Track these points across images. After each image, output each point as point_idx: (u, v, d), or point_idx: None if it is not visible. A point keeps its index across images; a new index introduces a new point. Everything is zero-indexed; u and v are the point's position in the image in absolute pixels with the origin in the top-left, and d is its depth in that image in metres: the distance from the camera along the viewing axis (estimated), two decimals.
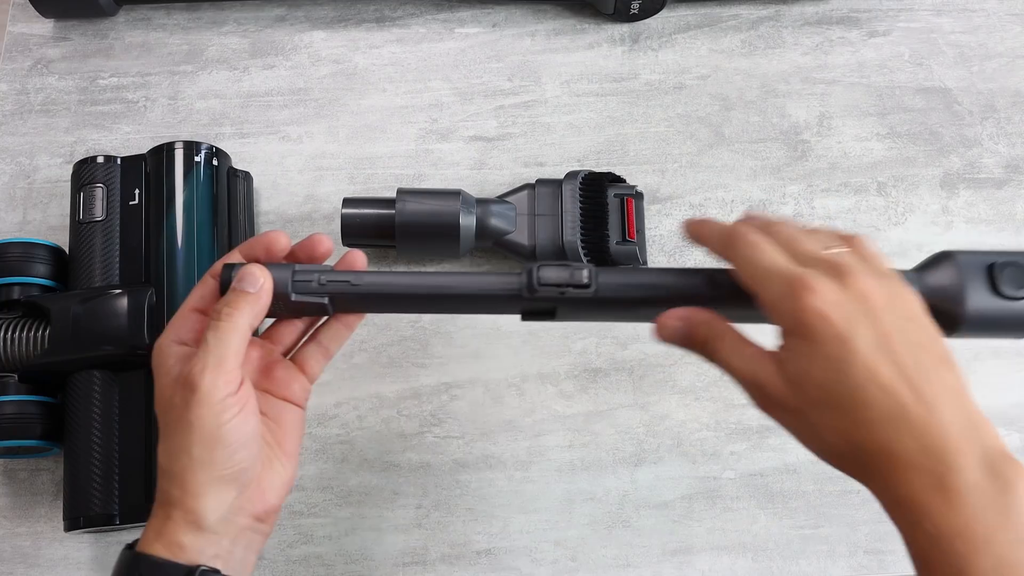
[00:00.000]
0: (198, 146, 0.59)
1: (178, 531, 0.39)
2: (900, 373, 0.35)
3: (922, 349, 0.36)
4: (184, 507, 0.39)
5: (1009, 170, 0.66)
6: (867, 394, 0.35)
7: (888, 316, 0.36)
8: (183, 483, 0.39)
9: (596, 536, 0.57)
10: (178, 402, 0.39)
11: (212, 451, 0.39)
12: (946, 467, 0.33)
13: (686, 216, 0.64)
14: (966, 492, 0.33)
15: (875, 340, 0.35)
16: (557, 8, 0.70)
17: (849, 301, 0.36)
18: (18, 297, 0.55)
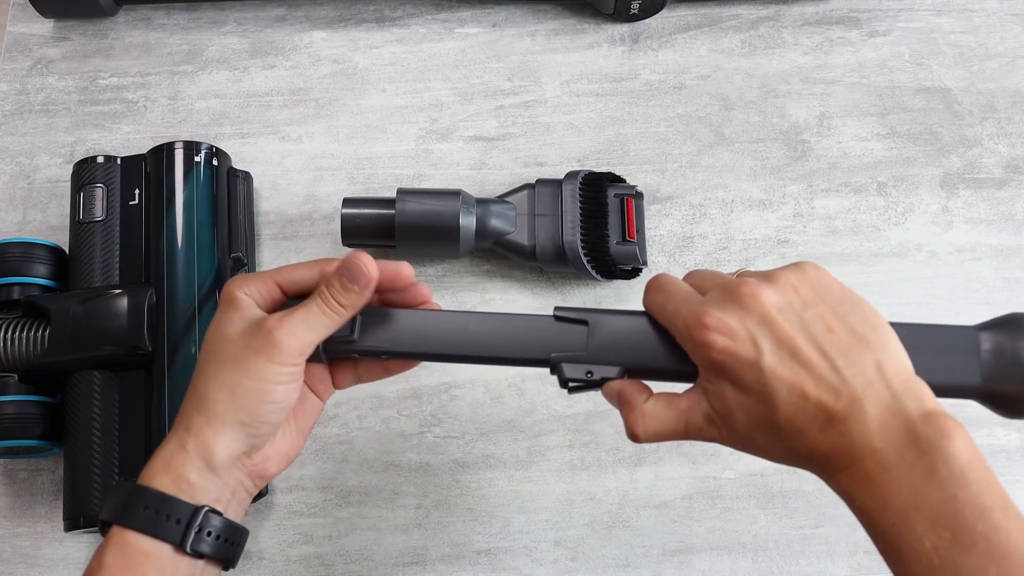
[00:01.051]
0: (198, 146, 0.59)
1: (188, 465, 0.39)
2: (814, 376, 0.35)
3: (832, 336, 0.36)
4: (202, 437, 0.39)
5: (1009, 170, 0.66)
6: (791, 407, 0.36)
7: (786, 317, 0.36)
8: (212, 414, 0.39)
9: (596, 536, 0.57)
10: (250, 344, 0.39)
11: (256, 401, 0.39)
12: (871, 452, 0.35)
13: (686, 216, 0.64)
14: (889, 470, 0.34)
15: (782, 351, 0.36)
16: (557, 8, 0.70)
17: (746, 321, 0.36)
18: (18, 297, 0.55)
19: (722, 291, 0.38)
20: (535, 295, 0.62)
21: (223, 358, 0.40)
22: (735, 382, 0.37)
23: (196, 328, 0.54)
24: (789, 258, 0.63)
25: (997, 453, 0.58)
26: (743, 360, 0.36)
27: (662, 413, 0.39)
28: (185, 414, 0.40)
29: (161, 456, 0.39)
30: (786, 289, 0.37)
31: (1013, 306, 0.62)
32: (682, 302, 0.39)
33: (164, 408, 0.53)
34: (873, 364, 0.36)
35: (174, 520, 0.38)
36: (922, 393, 0.36)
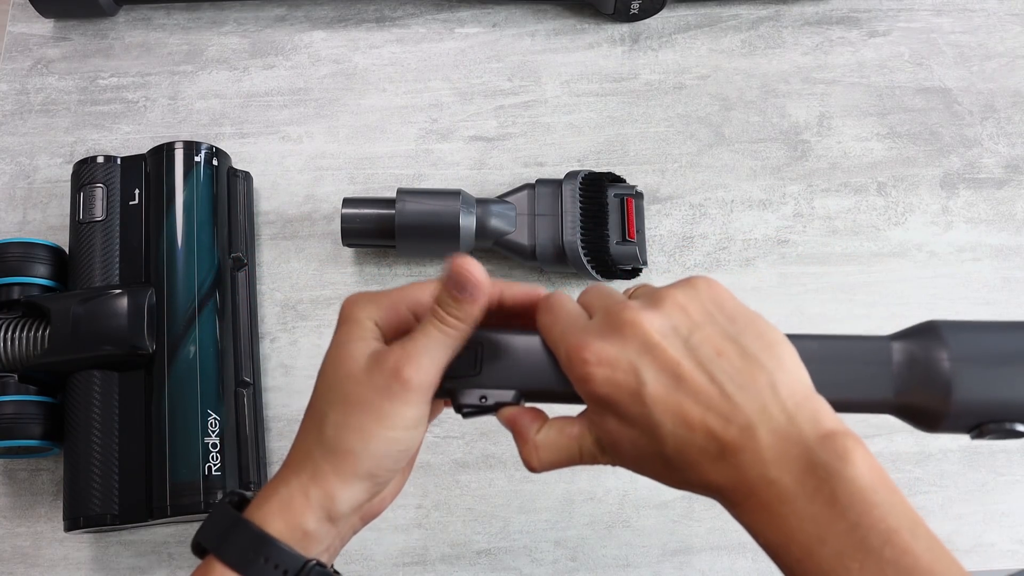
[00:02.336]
0: (198, 146, 0.59)
1: (308, 514, 0.36)
2: (701, 404, 0.33)
3: (721, 360, 0.33)
4: (327, 487, 0.36)
5: (1009, 170, 0.66)
6: (678, 439, 0.33)
7: (671, 342, 0.34)
8: (343, 464, 0.36)
9: (596, 536, 0.57)
10: (380, 385, 0.36)
11: (390, 450, 0.36)
12: (767, 483, 0.32)
13: (686, 216, 0.64)
14: (788, 501, 0.32)
15: (666, 379, 0.33)
16: (557, 8, 0.70)
17: (626, 350, 0.34)
18: (18, 297, 0.55)
19: (604, 318, 0.35)
20: None
21: (352, 401, 0.36)
22: (619, 415, 0.34)
23: (196, 328, 0.54)
24: (789, 258, 0.63)
25: (997, 453, 0.58)
26: (625, 392, 0.34)
27: (555, 442, 0.37)
28: (310, 457, 0.37)
29: (279, 496, 0.36)
30: (672, 311, 0.35)
31: (1013, 306, 0.62)
32: (567, 327, 0.36)
33: (164, 408, 0.53)
34: (767, 386, 0.33)
35: (282, 570, 0.35)
36: (820, 412, 0.33)
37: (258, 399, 0.58)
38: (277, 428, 0.59)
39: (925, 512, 0.56)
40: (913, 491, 0.57)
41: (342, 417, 0.36)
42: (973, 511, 0.57)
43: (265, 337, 0.61)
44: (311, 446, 0.37)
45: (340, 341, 0.38)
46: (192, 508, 0.51)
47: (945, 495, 0.57)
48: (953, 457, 0.58)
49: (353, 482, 0.36)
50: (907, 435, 0.59)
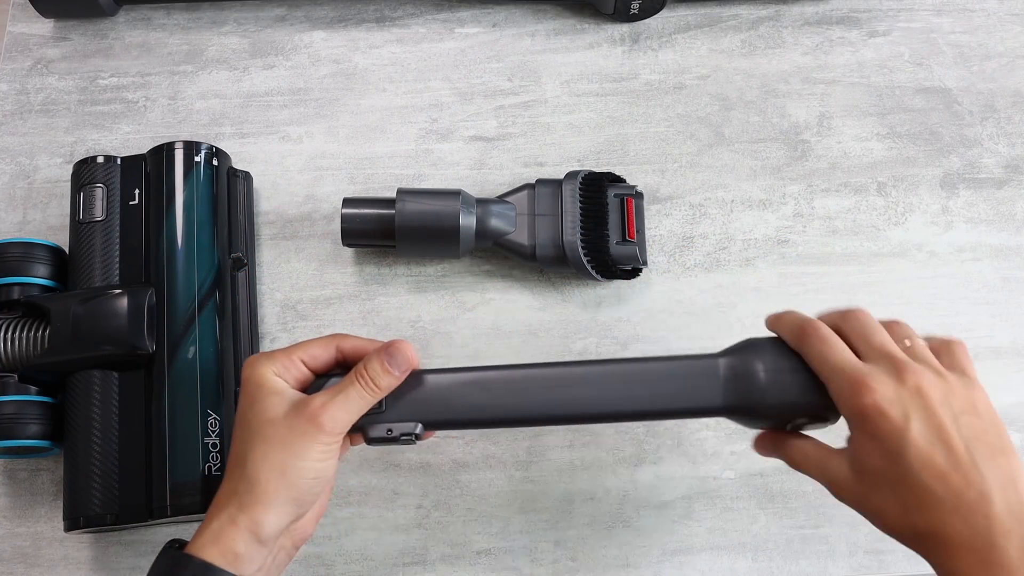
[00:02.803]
0: (198, 146, 0.59)
1: (238, 538, 0.42)
2: (953, 462, 0.39)
3: (978, 440, 0.40)
4: (253, 514, 0.42)
5: (1009, 170, 0.66)
6: (921, 480, 0.39)
7: (943, 410, 0.40)
8: (263, 494, 0.42)
9: (596, 536, 0.57)
10: (295, 427, 0.43)
11: (303, 478, 0.43)
12: (991, 546, 0.37)
13: (686, 216, 0.64)
14: (1009, 568, 0.37)
15: (929, 432, 0.40)
16: (557, 8, 0.70)
17: (905, 397, 0.40)
18: (18, 297, 0.55)
19: (889, 366, 0.42)
20: (535, 295, 0.62)
21: (271, 440, 0.43)
22: (878, 443, 0.40)
23: (196, 328, 0.54)
24: (789, 258, 0.63)
25: None
26: (892, 426, 0.40)
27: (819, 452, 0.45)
28: (235, 492, 0.43)
29: (211, 529, 0.42)
30: (949, 388, 0.41)
31: (1013, 306, 0.62)
32: (846, 362, 0.42)
33: (164, 408, 0.53)
34: (1009, 472, 0.39)
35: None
36: None
37: None
38: None
39: None
40: None
41: (261, 455, 0.43)
42: None
43: (265, 337, 0.61)
44: (236, 484, 0.43)
45: (254, 398, 0.45)
46: (192, 508, 0.51)
47: None
48: None
49: (275, 507, 0.43)
50: None
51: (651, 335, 0.61)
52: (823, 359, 0.43)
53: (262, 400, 0.44)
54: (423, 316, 0.61)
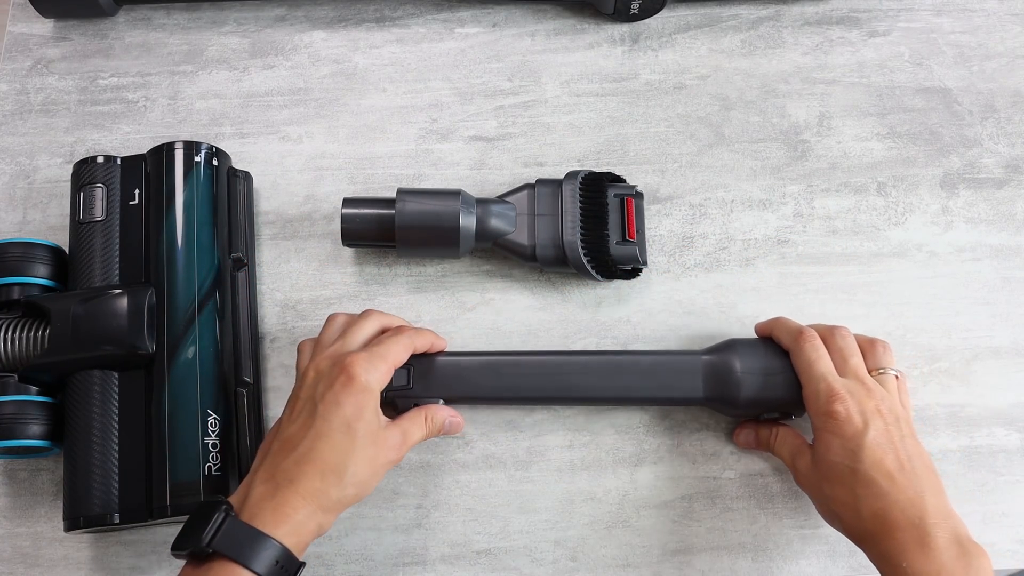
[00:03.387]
0: (198, 146, 0.59)
1: (309, 535, 0.46)
2: (898, 465, 0.48)
3: (917, 458, 0.49)
4: (330, 519, 0.48)
5: (1009, 170, 0.66)
6: (871, 475, 0.48)
7: (894, 428, 0.49)
8: (347, 504, 0.48)
9: (596, 536, 0.57)
10: (387, 442, 0.49)
11: (374, 483, 0.49)
12: (925, 531, 0.46)
13: (686, 216, 0.64)
14: (939, 549, 0.45)
15: (882, 440, 0.49)
16: (557, 8, 0.70)
17: (868, 411, 0.50)
18: (18, 297, 0.55)
19: (858, 384, 0.51)
20: (535, 295, 0.62)
21: (369, 460, 0.48)
22: (840, 439, 0.49)
23: (196, 328, 0.54)
24: (789, 258, 0.63)
25: (997, 453, 0.58)
26: (853, 428, 0.49)
27: (796, 440, 0.54)
28: (324, 493, 0.47)
29: (293, 522, 0.45)
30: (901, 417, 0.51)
31: (1013, 306, 0.62)
32: (828, 373, 0.52)
33: (163, 408, 0.53)
34: (936, 488, 0.48)
35: (286, 573, 0.45)
36: (964, 525, 0.48)
37: (258, 399, 0.58)
38: None
39: None
40: None
41: (359, 471, 0.48)
42: (973, 511, 0.57)
43: (265, 337, 0.61)
44: (329, 487, 0.47)
45: (363, 408, 0.48)
46: (192, 508, 0.51)
47: None
48: (953, 457, 0.58)
49: (339, 514, 0.48)
50: None
51: (651, 335, 0.61)
52: (810, 364, 0.52)
53: (369, 413, 0.48)
54: (423, 316, 0.61)
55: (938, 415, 0.59)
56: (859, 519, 0.48)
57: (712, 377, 0.55)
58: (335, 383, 0.48)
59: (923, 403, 0.60)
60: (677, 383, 0.55)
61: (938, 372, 0.60)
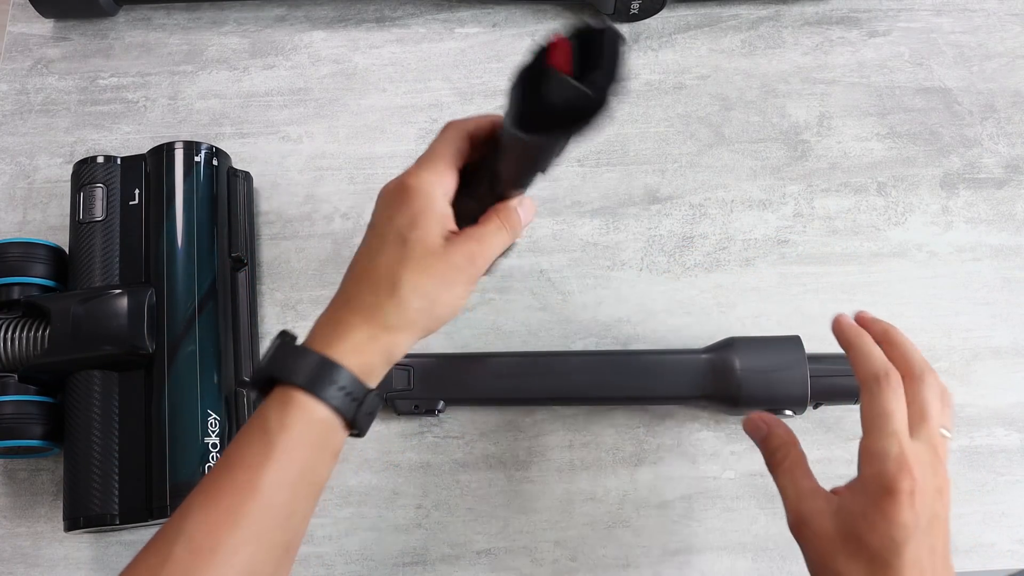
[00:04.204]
0: (198, 146, 0.59)
1: (376, 357, 0.42)
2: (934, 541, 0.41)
3: (942, 557, 0.41)
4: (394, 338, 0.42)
5: (1009, 170, 0.66)
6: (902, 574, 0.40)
7: (940, 532, 0.42)
8: (409, 322, 0.42)
9: (596, 536, 0.57)
10: (455, 264, 0.42)
11: (444, 312, 0.43)
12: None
13: (686, 216, 0.64)
14: None
15: (925, 554, 0.41)
16: (557, 8, 0.70)
17: (928, 498, 0.41)
18: (18, 297, 0.55)
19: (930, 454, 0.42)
20: (535, 295, 0.62)
21: (430, 271, 0.42)
22: (892, 526, 0.40)
23: (196, 328, 0.54)
24: (789, 258, 0.63)
25: (997, 453, 0.58)
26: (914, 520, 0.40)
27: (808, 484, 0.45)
28: (379, 309, 0.42)
29: (352, 341, 0.41)
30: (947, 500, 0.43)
31: (1013, 306, 0.62)
32: (902, 432, 0.42)
33: (163, 408, 0.53)
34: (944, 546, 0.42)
35: (352, 399, 0.41)
36: None
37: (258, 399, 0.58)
38: None
39: None
40: None
41: (418, 283, 0.42)
42: (973, 511, 0.57)
43: (265, 337, 0.61)
44: (382, 300, 0.42)
45: (418, 216, 0.42)
46: None
47: None
48: (953, 457, 0.58)
49: (412, 335, 0.43)
50: None
51: (651, 335, 0.61)
52: (885, 417, 0.43)
53: (428, 223, 0.42)
54: None
55: None
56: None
57: (712, 375, 0.55)
58: (391, 199, 0.44)
59: None
60: (677, 381, 0.56)
61: (938, 372, 0.60)
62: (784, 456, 0.46)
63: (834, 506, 0.42)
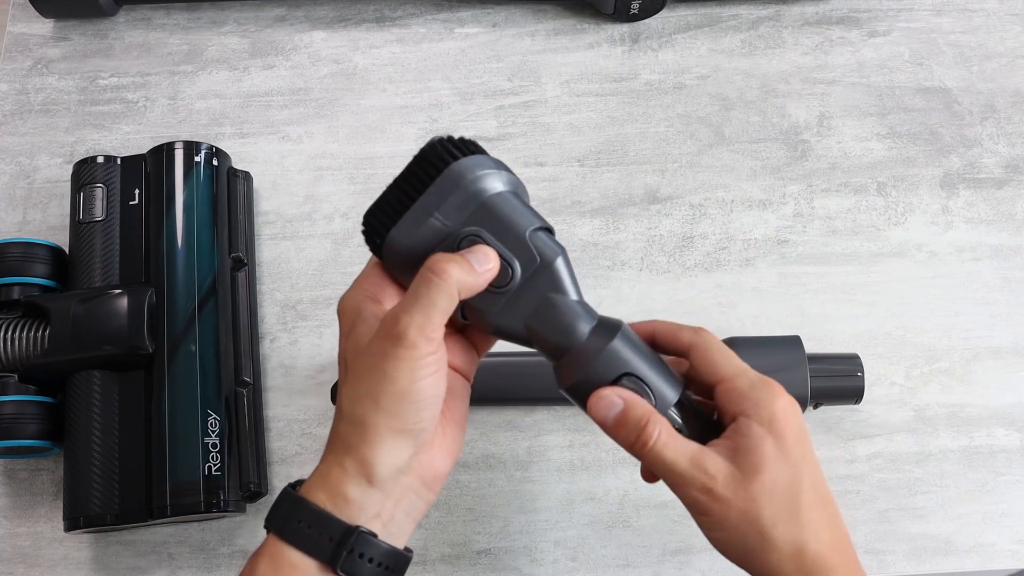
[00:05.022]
0: (198, 146, 0.59)
1: (347, 482, 0.38)
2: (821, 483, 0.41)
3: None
4: (359, 456, 0.38)
5: (1009, 170, 0.66)
6: (819, 495, 0.40)
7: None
8: (364, 430, 0.38)
9: (596, 536, 0.57)
10: (376, 350, 0.38)
11: (400, 404, 0.37)
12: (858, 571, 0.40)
13: (686, 216, 0.64)
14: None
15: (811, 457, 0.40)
16: (557, 8, 0.70)
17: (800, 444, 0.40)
18: (18, 297, 0.55)
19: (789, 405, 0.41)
20: None
21: (360, 372, 0.38)
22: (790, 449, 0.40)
23: (196, 328, 0.54)
24: (789, 258, 0.63)
25: (997, 453, 0.58)
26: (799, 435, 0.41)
27: (688, 444, 0.40)
28: (338, 434, 0.39)
29: (318, 472, 0.39)
30: None
31: (1013, 306, 0.62)
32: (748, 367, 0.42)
33: (164, 408, 0.53)
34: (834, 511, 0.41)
35: (326, 537, 0.37)
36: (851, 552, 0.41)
37: (258, 399, 0.58)
38: (277, 428, 0.59)
39: (925, 512, 0.56)
40: (913, 491, 0.57)
41: (353, 390, 0.38)
42: (973, 511, 0.57)
43: (265, 337, 0.61)
44: (338, 425, 0.39)
45: (346, 330, 0.40)
46: (192, 508, 0.51)
47: (945, 495, 0.57)
48: (953, 457, 0.58)
49: (382, 443, 0.38)
50: (907, 435, 0.59)
51: None
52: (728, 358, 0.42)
53: (353, 331, 0.39)
54: None
55: (938, 415, 0.59)
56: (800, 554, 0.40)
57: None
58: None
59: (923, 403, 0.59)
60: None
61: (938, 372, 0.60)
62: (655, 426, 0.40)
63: (730, 453, 0.40)
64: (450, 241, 0.39)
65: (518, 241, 0.40)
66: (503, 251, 0.40)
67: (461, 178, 0.40)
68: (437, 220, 0.39)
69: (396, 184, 0.41)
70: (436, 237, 0.39)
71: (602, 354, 0.40)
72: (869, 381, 0.58)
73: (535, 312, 0.40)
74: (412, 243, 0.40)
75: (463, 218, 0.40)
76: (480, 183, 0.40)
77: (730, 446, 0.40)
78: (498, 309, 0.40)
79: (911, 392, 0.60)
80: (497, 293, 0.40)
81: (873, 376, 0.59)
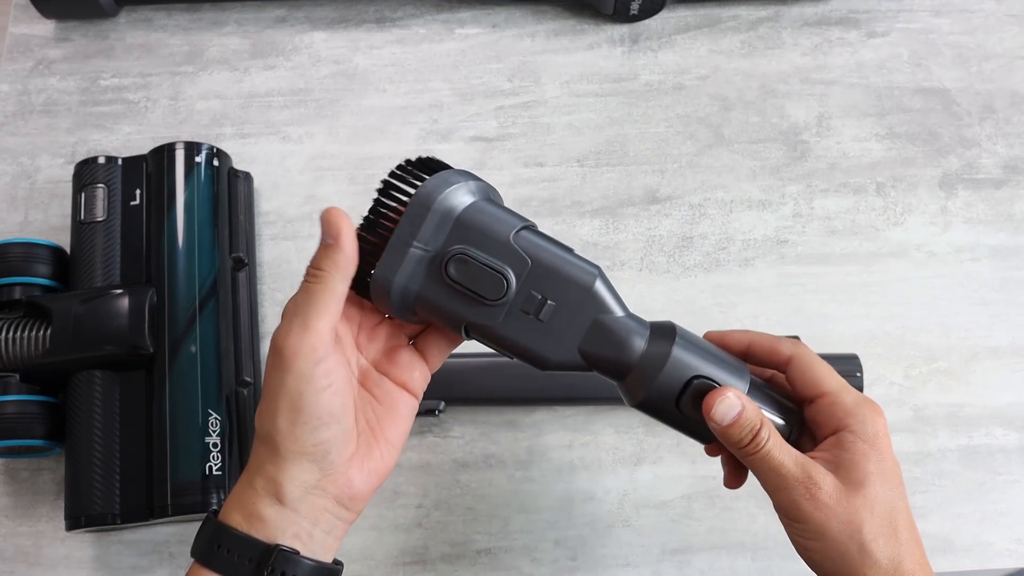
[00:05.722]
0: (199, 147, 0.59)
1: (259, 502, 0.37)
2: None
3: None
4: (267, 475, 0.37)
5: (1007, 170, 0.66)
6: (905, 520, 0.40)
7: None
8: (271, 449, 0.37)
9: (596, 536, 0.57)
10: (270, 366, 0.37)
11: (294, 423, 0.37)
12: None
13: (686, 216, 0.64)
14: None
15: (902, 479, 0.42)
16: (557, 9, 0.70)
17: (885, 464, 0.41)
18: (20, 297, 0.55)
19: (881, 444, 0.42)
20: None
21: (267, 394, 0.38)
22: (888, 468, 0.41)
23: (196, 328, 0.55)
24: (789, 258, 0.63)
25: (995, 452, 0.59)
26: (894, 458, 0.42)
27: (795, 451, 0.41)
28: (254, 452, 0.39)
29: (235, 494, 0.38)
30: None
31: (1012, 306, 0.62)
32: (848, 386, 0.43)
33: (164, 408, 0.53)
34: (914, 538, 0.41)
35: (246, 559, 0.37)
36: None
37: (258, 399, 0.58)
38: None
39: (924, 511, 0.56)
40: (912, 490, 0.57)
41: (261, 407, 0.38)
42: (971, 510, 0.57)
43: (266, 337, 0.61)
44: (255, 443, 0.39)
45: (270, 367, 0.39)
46: (193, 507, 0.51)
47: (943, 494, 0.57)
48: (952, 457, 0.58)
49: (287, 463, 0.37)
50: (906, 435, 0.59)
51: None
52: (834, 374, 0.43)
53: (278, 365, 0.38)
54: None
55: (937, 415, 0.59)
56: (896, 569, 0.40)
57: None
58: None
59: (922, 403, 0.60)
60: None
61: (937, 372, 0.60)
62: (767, 429, 0.40)
63: (833, 465, 0.40)
64: (436, 264, 0.39)
65: (504, 248, 0.39)
66: (492, 262, 0.39)
67: (430, 200, 0.39)
68: (418, 248, 0.39)
69: (367, 223, 0.40)
70: (420, 265, 0.39)
71: (667, 365, 0.40)
72: (868, 381, 0.59)
73: (587, 337, 0.40)
74: (399, 278, 0.39)
75: (442, 239, 0.39)
76: (449, 200, 0.39)
77: (832, 459, 0.40)
78: (500, 321, 0.40)
79: (910, 392, 0.60)
80: (496, 305, 0.39)
81: (872, 376, 0.59)
